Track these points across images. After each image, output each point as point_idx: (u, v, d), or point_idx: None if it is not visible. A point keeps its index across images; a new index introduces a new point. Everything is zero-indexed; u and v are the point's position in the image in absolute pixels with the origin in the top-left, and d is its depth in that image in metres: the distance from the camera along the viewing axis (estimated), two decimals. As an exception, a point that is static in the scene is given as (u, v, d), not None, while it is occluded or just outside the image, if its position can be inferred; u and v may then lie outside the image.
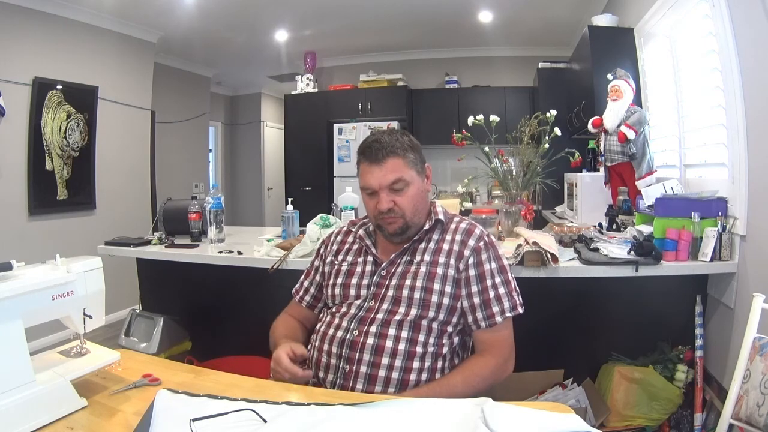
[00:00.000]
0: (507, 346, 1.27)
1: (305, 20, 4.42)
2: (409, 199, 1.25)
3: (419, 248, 1.28)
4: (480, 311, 1.24)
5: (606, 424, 1.82)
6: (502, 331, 1.25)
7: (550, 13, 4.14)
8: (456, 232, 1.29)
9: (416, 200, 1.26)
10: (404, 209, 1.24)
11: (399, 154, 1.24)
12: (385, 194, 1.24)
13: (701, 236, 1.77)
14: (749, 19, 1.68)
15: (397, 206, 1.24)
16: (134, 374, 1.05)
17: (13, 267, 0.91)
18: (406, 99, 5.14)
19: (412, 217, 1.26)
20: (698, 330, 1.89)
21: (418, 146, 1.30)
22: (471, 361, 1.26)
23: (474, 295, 1.24)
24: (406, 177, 1.24)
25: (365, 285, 1.28)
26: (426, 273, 1.24)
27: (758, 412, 1.07)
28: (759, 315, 1.18)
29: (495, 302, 1.24)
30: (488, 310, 1.23)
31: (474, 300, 1.24)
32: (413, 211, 1.26)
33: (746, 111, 1.72)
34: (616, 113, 2.45)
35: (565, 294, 1.91)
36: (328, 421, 0.85)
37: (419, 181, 1.28)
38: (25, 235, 3.47)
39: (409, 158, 1.25)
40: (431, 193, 1.29)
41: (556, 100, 3.80)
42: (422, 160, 1.30)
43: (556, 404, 0.92)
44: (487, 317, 1.23)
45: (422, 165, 1.30)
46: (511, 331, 1.28)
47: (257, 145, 7.23)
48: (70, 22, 3.74)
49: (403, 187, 1.24)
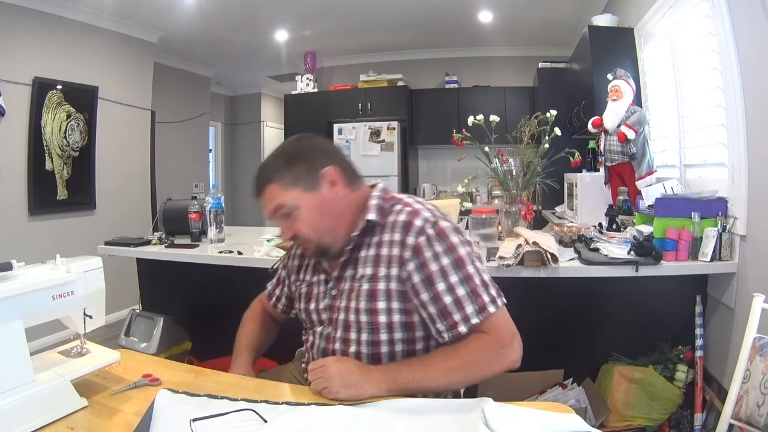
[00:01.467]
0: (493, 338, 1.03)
1: (305, 20, 4.42)
2: (305, 222, 1.07)
3: (360, 257, 1.09)
4: (440, 322, 1.02)
5: (606, 424, 1.82)
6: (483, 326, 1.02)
7: (550, 13, 4.14)
8: (394, 229, 1.05)
9: (315, 219, 1.07)
10: (305, 234, 1.08)
11: (273, 179, 1.06)
12: (281, 223, 1.09)
13: (701, 236, 1.78)
14: (749, 19, 1.68)
15: (298, 232, 1.08)
16: (134, 374, 1.05)
17: (14, 267, 0.91)
18: (406, 99, 5.14)
19: (320, 238, 1.09)
20: (698, 330, 1.89)
21: (305, 156, 1.08)
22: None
23: (427, 305, 1.02)
24: (287, 201, 1.06)
25: (322, 309, 1.15)
26: (368, 291, 1.05)
27: (758, 412, 1.07)
28: (759, 315, 1.18)
29: (455, 309, 1.01)
30: (449, 320, 1.01)
31: (429, 309, 1.02)
32: (316, 232, 1.08)
33: (746, 111, 1.72)
34: (616, 113, 2.45)
35: (565, 294, 1.91)
36: (328, 421, 0.85)
37: (311, 196, 1.06)
38: (25, 235, 3.47)
39: (285, 179, 1.06)
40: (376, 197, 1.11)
41: (556, 100, 3.81)
42: (311, 169, 1.07)
43: (556, 404, 0.92)
44: (449, 328, 1.01)
45: (313, 176, 1.07)
46: (501, 320, 1.04)
47: (257, 145, 7.23)
48: (70, 22, 3.74)
49: (292, 212, 1.07)
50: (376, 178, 5.11)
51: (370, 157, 4.94)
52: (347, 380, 0.96)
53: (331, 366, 0.99)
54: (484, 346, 1.02)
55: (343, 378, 0.97)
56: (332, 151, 1.14)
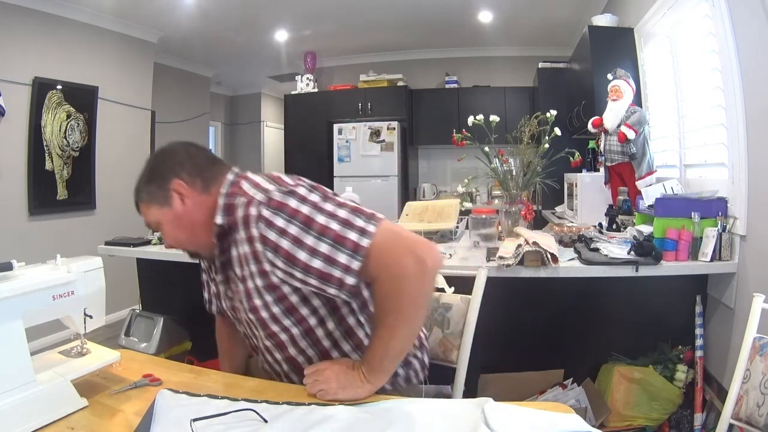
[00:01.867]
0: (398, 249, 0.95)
1: (305, 20, 4.42)
2: (168, 235, 1.10)
3: (233, 257, 1.04)
4: (327, 287, 0.96)
5: (606, 424, 1.82)
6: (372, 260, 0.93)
7: (550, 13, 4.14)
8: (240, 226, 1.00)
9: (174, 233, 1.08)
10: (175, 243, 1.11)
11: (139, 198, 1.10)
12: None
13: (701, 236, 1.78)
14: (749, 19, 1.68)
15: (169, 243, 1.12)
16: (134, 374, 1.05)
17: (14, 267, 0.91)
18: (406, 99, 5.14)
19: (186, 248, 1.12)
20: (698, 330, 1.89)
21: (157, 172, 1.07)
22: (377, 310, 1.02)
23: (306, 280, 0.96)
24: (150, 218, 1.09)
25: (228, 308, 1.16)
26: (243, 292, 1.03)
27: (758, 412, 1.07)
28: (759, 315, 1.18)
29: (330, 267, 0.93)
30: (333, 281, 0.95)
31: (311, 282, 0.96)
32: (179, 243, 1.10)
33: (746, 111, 1.72)
34: (616, 113, 2.45)
35: (565, 294, 1.91)
36: (328, 421, 0.85)
37: (166, 212, 1.06)
38: (25, 235, 3.46)
39: (144, 198, 1.08)
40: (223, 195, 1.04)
41: (556, 100, 3.81)
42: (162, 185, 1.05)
43: (556, 404, 0.92)
44: (339, 287, 0.95)
45: (164, 192, 1.05)
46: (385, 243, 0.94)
47: (257, 145, 7.23)
48: (70, 22, 3.74)
49: (159, 226, 1.10)
50: (376, 178, 5.13)
51: (370, 157, 4.94)
52: (343, 381, 0.97)
53: (326, 369, 1.00)
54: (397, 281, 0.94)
55: (339, 380, 0.97)
56: (184, 159, 1.08)
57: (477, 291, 1.41)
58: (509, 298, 1.83)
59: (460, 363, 1.37)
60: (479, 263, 1.74)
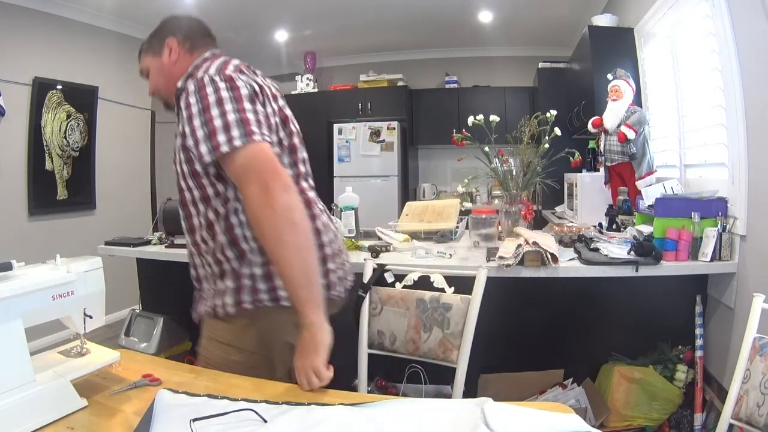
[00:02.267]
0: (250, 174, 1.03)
1: (305, 20, 4.42)
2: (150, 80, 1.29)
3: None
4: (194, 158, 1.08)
5: (606, 424, 1.82)
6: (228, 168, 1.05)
7: (550, 13, 4.14)
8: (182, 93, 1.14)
9: (154, 78, 1.28)
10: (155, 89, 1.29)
11: (141, 49, 1.32)
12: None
13: (701, 236, 1.78)
14: (749, 19, 1.68)
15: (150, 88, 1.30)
16: (134, 374, 1.05)
17: (14, 267, 0.91)
18: (406, 99, 5.14)
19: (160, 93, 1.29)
20: (698, 330, 1.89)
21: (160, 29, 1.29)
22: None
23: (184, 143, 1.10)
24: (145, 64, 1.30)
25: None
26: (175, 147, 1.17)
27: (758, 412, 1.07)
28: (759, 315, 1.18)
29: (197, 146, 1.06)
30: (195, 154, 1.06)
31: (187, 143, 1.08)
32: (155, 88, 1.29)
33: (746, 111, 1.72)
34: (616, 113, 2.45)
35: (565, 294, 1.91)
36: (328, 421, 0.85)
37: (155, 60, 1.27)
38: (25, 235, 3.47)
39: (146, 46, 1.30)
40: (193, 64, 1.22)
41: (556, 100, 3.81)
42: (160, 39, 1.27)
43: (556, 404, 0.92)
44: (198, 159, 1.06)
45: (159, 45, 1.26)
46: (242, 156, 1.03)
47: (257, 145, 7.23)
48: (70, 22, 3.74)
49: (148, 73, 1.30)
50: (376, 178, 5.12)
51: (370, 157, 4.94)
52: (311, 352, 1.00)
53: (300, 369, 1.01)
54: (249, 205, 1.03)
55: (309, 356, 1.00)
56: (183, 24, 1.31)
57: (477, 291, 1.41)
58: (509, 298, 1.83)
59: (460, 363, 1.37)
60: (479, 263, 1.74)
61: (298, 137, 1.27)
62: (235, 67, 1.16)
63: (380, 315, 1.51)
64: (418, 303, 1.47)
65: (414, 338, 1.45)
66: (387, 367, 1.75)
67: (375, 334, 1.50)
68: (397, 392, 1.78)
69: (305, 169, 1.28)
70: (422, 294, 1.48)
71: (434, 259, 1.88)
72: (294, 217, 1.02)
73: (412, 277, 1.52)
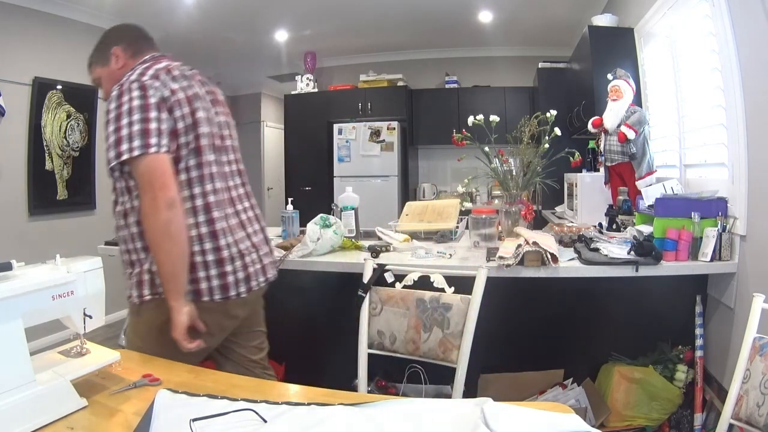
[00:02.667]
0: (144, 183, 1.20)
1: (305, 20, 4.42)
2: (105, 88, 1.41)
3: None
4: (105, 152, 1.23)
5: (606, 424, 1.82)
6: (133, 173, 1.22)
7: (550, 13, 4.14)
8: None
9: (109, 84, 1.36)
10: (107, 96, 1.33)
11: (91, 62, 1.44)
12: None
13: (701, 236, 1.78)
14: (749, 19, 1.68)
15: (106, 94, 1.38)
16: (134, 374, 1.05)
17: (13, 267, 0.91)
18: (406, 99, 5.14)
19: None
20: (698, 330, 1.89)
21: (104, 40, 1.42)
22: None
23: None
24: (95, 74, 1.44)
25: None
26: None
27: (758, 412, 1.07)
28: (759, 315, 1.18)
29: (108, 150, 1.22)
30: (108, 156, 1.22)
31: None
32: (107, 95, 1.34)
33: (746, 111, 1.72)
34: (616, 113, 2.45)
35: (565, 294, 1.91)
36: (328, 421, 0.85)
37: (105, 69, 1.41)
38: (25, 235, 3.46)
39: (95, 60, 1.43)
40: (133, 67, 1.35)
41: (556, 100, 3.80)
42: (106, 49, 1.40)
43: (556, 404, 0.92)
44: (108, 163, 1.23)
45: (107, 54, 1.40)
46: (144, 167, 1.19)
47: (257, 145, 7.22)
48: (70, 22, 3.74)
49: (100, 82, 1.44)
50: (376, 178, 5.13)
51: (370, 157, 4.94)
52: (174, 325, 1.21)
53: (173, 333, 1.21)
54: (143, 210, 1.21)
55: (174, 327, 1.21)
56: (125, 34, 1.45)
57: (477, 291, 1.41)
58: (509, 298, 1.83)
59: (460, 363, 1.37)
60: (479, 263, 1.74)
61: (207, 139, 1.33)
62: (153, 74, 1.27)
63: (380, 315, 1.51)
64: (418, 303, 1.47)
65: (414, 338, 1.45)
66: (387, 367, 1.75)
67: (375, 334, 1.50)
68: (397, 392, 1.78)
69: (213, 170, 1.34)
70: (422, 294, 1.48)
71: (434, 259, 1.88)
72: (171, 230, 1.19)
73: (412, 277, 1.52)
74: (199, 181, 1.30)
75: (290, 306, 2.17)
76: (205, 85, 1.43)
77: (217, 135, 1.38)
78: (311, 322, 2.13)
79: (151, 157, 1.19)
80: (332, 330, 1.87)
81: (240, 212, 1.41)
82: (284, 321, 2.14)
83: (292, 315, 2.15)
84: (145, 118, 1.20)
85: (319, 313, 2.12)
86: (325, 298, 2.09)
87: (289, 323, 2.13)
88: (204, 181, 1.31)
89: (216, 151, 1.37)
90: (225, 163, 1.41)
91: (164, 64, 1.33)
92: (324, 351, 2.04)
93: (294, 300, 2.15)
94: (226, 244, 1.32)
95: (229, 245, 1.32)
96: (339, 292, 1.79)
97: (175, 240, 1.20)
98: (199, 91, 1.34)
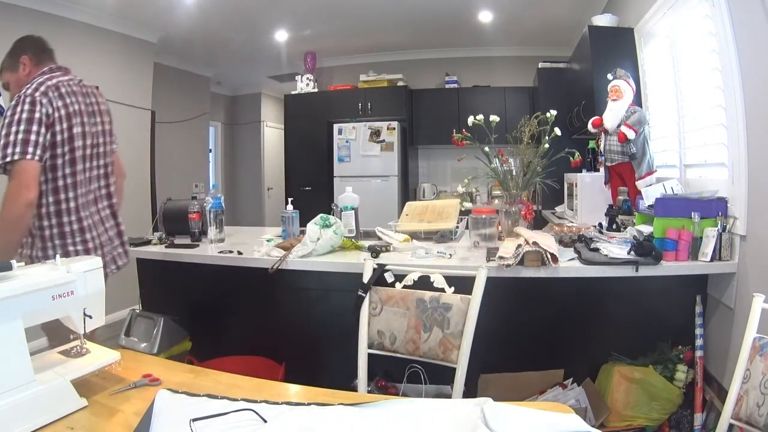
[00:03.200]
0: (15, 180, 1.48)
1: (305, 20, 4.42)
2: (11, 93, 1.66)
3: None
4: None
5: (606, 424, 1.82)
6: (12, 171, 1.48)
7: (550, 13, 4.14)
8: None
9: (15, 90, 1.61)
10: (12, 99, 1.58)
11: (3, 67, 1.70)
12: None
13: (701, 236, 1.78)
14: (749, 19, 1.68)
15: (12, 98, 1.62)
16: (134, 374, 1.05)
17: (13, 267, 0.91)
18: (406, 99, 5.14)
19: None
20: (698, 330, 1.89)
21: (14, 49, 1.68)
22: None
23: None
24: (5, 80, 1.71)
25: None
26: None
27: (758, 412, 1.07)
28: (759, 315, 1.18)
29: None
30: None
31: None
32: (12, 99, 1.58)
33: (746, 111, 1.72)
34: (616, 113, 2.45)
35: (565, 294, 1.91)
36: (328, 421, 0.85)
37: (14, 75, 1.67)
38: (25, 235, 3.46)
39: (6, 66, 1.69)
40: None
41: (556, 100, 3.80)
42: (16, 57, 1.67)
43: (556, 404, 0.92)
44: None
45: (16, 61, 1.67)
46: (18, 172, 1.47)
47: (257, 145, 7.23)
48: (70, 22, 3.74)
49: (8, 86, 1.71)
50: (376, 178, 5.13)
51: (370, 157, 4.94)
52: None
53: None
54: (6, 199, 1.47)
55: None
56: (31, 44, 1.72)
57: (477, 291, 1.41)
58: (509, 298, 1.83)
59: (460, 363, 1.37)
60: (479, 263, 1.74)
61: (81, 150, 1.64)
62: (43, 91, 1.54)
63: (380, 315, 1.51)
64: (418, 303, 1.47)
65: (414, 338, 1.45)
66: (387, 367, 1.76)
67: (375, 334, 1.50)
68: (397, 392, 1.78)
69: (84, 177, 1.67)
70: (422, 294, 1.48)
71: (434, 259, 1.88)
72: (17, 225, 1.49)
73: (412, 277, 1.52)
74: (72, 187, 1.62)
75: (290, 306, 2.17)
76: (89, 97, 1.72)
77: (90, 145, 1.68)
78: (311, 322, 2.13)
79: (26, 163, 1.48)
80: (332, 330, 1.87)
81: (101, 210, 1.78)
82: (284, 321, 2.15)
83: (292, 315, 2.15)
84: (27, 130, 1.49)
85: (319, 313, 2.12)
86: (325, 298, 2.09)
87: (289, 323, 2.14)
88: (76, 186, 1.64)
89: (89, 159, 1.69)
90: (95, 167, 1.73)
91: (55, 80, 1.61)
92: (324, 351, 2.04)
93: (294, 300, 2.15)
94: (91, 238, 1.69)
95: (93, 238, 1.70)
96: (339, 292, 1.79)
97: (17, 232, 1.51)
98: (79, 107, 1.64)
